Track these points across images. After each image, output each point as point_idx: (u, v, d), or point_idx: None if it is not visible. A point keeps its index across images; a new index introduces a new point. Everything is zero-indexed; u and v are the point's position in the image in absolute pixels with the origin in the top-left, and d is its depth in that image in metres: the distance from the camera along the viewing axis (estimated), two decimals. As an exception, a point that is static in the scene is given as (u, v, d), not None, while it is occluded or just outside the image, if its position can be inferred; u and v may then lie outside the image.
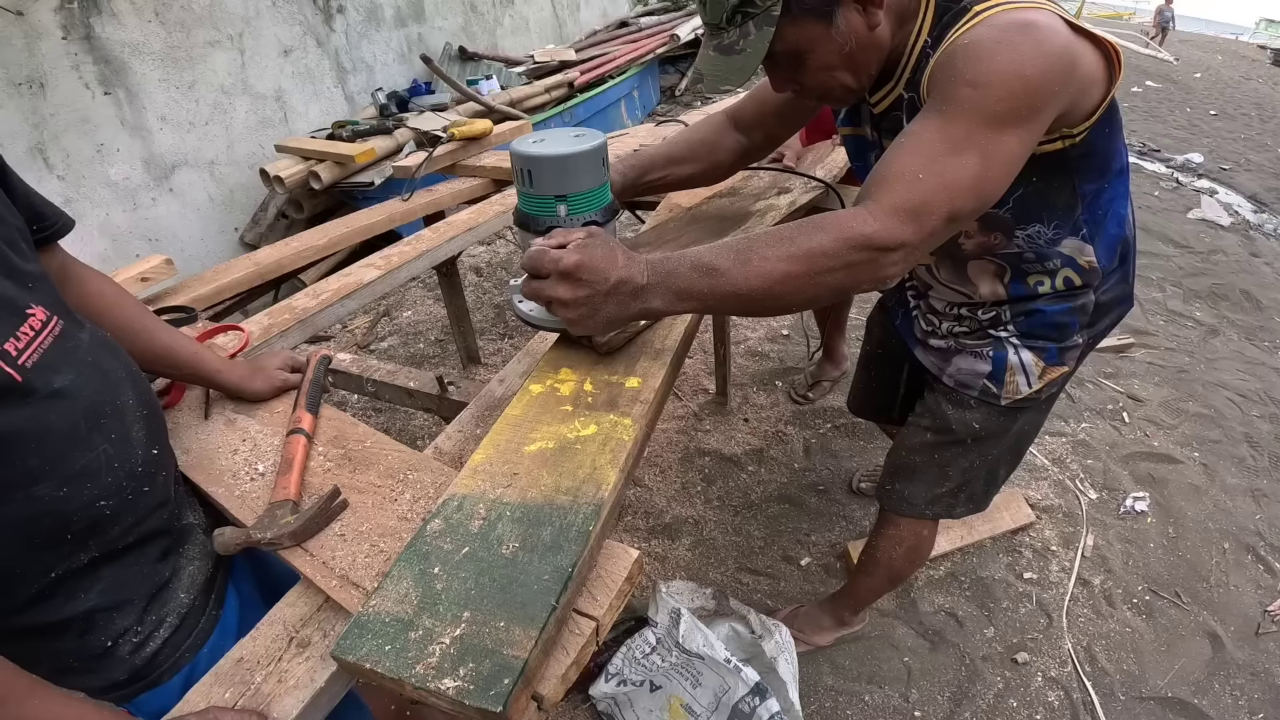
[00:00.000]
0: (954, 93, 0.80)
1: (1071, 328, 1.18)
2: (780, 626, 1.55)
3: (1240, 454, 2.47)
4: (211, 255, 3.73)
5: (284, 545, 0.79)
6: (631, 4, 8.09)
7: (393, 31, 4.65)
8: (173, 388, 1.10)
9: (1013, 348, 1.20)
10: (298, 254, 1.80)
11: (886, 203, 0.78)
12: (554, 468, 0.78)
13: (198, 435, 1.02)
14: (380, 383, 1.43)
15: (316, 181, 3.55)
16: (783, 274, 0.77)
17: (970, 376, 1.26)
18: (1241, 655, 1.79)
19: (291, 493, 0.85)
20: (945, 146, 0.79)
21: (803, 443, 2.51)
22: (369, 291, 1.62)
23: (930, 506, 1.41)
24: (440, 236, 1.86)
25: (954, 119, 0.79)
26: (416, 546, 0.69)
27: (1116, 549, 2.10)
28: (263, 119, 3.89)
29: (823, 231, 0.78)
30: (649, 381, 0.93)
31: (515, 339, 3.26)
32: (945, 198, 0.78)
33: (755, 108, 1.26)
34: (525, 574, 0.65)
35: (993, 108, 0.78)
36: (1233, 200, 5.38)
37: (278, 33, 3.91)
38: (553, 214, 0.91)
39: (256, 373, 1.08)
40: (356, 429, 0.99)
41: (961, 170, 0.79)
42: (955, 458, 1.34)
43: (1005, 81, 0.78)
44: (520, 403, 0.89)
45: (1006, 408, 1.25)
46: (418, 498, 0.85)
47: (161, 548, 0.84)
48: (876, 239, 0.77)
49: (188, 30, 3.47)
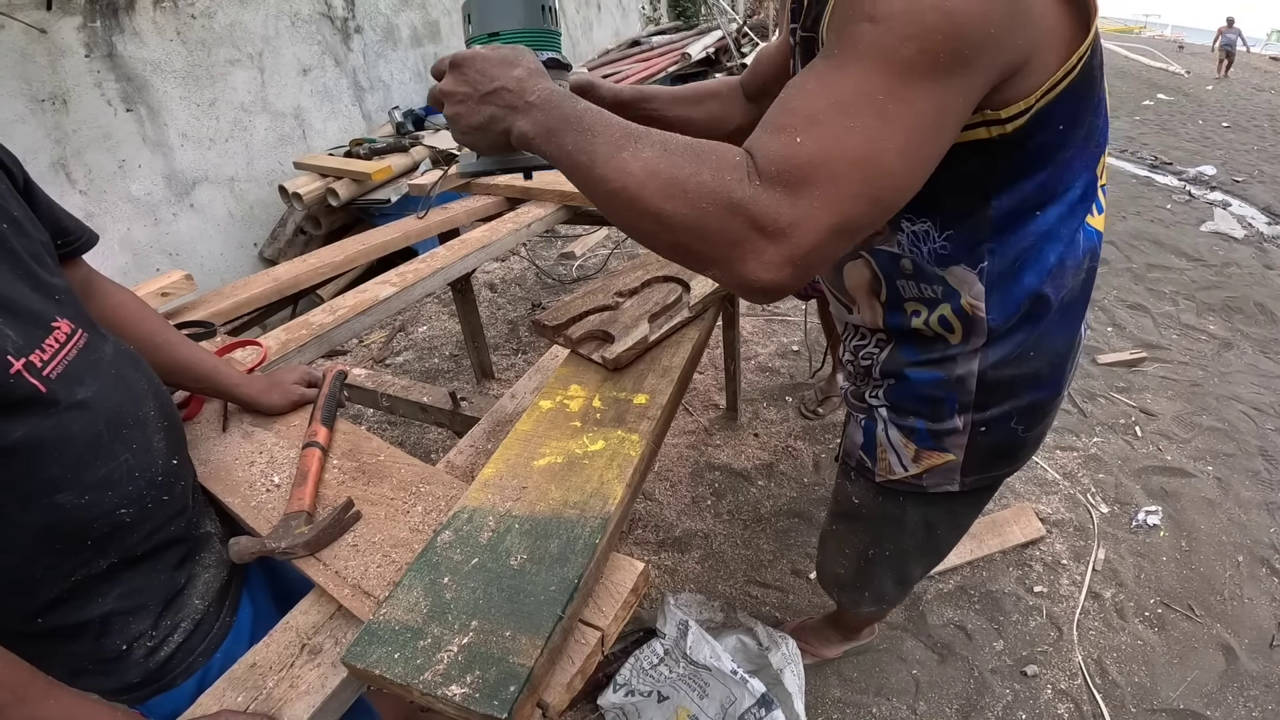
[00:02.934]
0: (850, 29, 0.59)
1: (946, 405, 0.93)
2: (787, 638, 1.55)
3: (1255, 467, 2.44)
4: (231, 270, 3.79)
5: (298, 555, 0.82)
6: (643, 23, 8.18)
7: (409, 51, 4.74)
8: (192, 400, 1.13)
9: (881, 420, 1.01)
10: (315, 270, 1.84)
11: (764, 157, 0.59)
12: (562, 482, 0.80)
13: (216, 447, 1.04)
14: (395, 398, 1.46)
15: (334, 198, 3.61)
16: (637, 183, 0.61)
17: (850, 444, 1.11)
18: (1255, 667, 1.77)
19: (306, 504, 0.87)
20: (832, 101, 0.58)
21: (812, 457, 2.52)
22: (384, 308, 1.65)
23: (836, 590, 1.35)
24: (454, 254, 1.90)
25: (845, 66, 0.58)
26: (427, 557, 0.72)
27: (1128, 562, 2.08)
28: (282, 136, 3.97)
29: (705, 167, 0.59)
30: (656, 398, 0.95)
31: (529, 354, 3.30)
32: (824, 170, 0.57)
33: (761, 73, 1.13)
34: (532, 585, 0.67)
35: (898, 50, 0.56)
36: (1246, 213, 5.34)
37: (297, 52, 3.99)
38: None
39: (274, 387, 1.11)
40: (370, 442, 1.02)
41: (854, 135, 0.57)
42: (848, 533, 1.22)
43: (917, 13, 0.55)
44: (530, 418, 0.92)
45: (885, 488, 1.06)
46: (429, 510, 0.87)
47: (179, 555, 0.86)
48: (749, 207, 0.58)
49: (208, 49, 3.55)
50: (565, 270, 4.13)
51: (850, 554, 1.22)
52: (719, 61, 7.56)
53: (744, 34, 8.28)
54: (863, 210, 0.59)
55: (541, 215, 2.19)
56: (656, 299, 1.20)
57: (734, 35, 7.84)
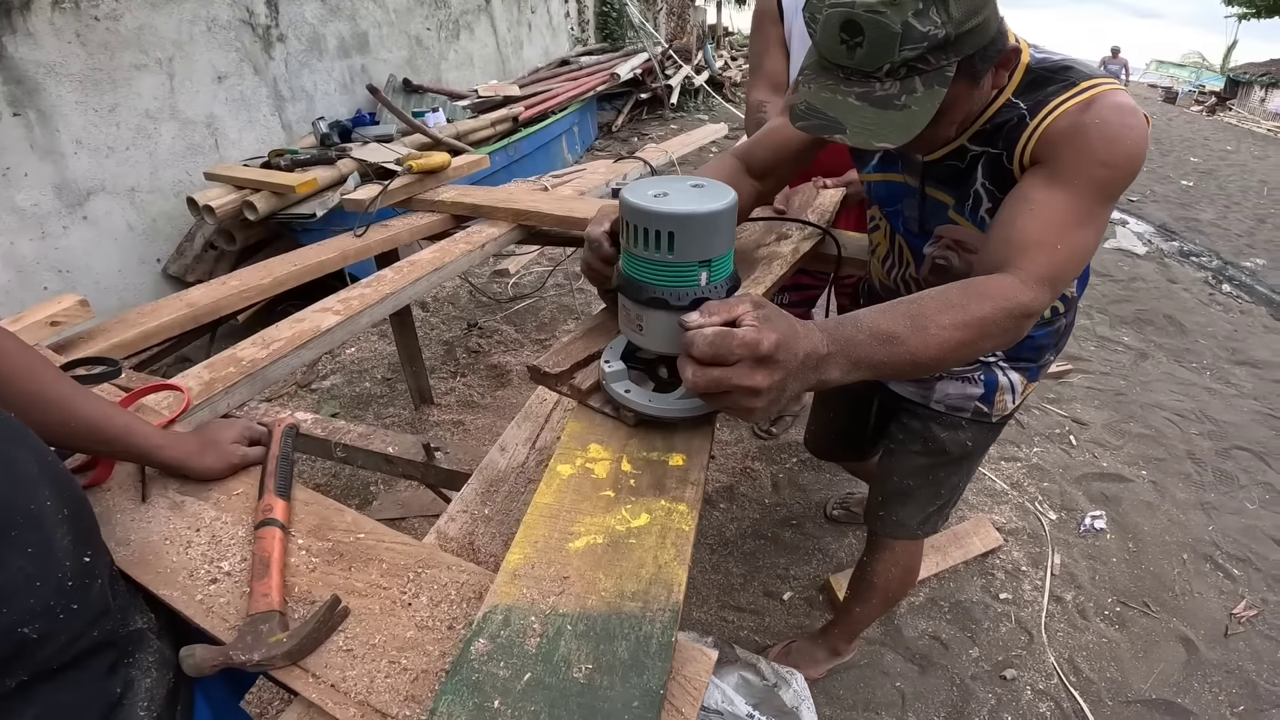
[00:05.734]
0: (1085, 169, 0.85)
1: (1048, 349, 1.25)
2: (794, 673, 1.48)
3: (1185, 470, 2.58)
4: (130, 288, 3.46)
5: (277, 666, 0.65)
6: (571, 43, 8.19)
7: (335, 62, 4.52)
8: (98, 462, 0.91)
9: (1001, 371, 1.25)
10: (238, 294, 1.59)
11: (1034, 271, 0.82)
12: (610, 568, 0.68)
13: (136, 522, 0.84)
14: (352, 447, 1.24)
15: (252, 212, 3.35)
16: (957, 341, 0.77)
17: (961, 400, 1.29)
18: (1214, 656, 1.85)
19: (275, 601, 0.70)
20: (1075, 219, 0.84)
21: (770, 478, 2.48)
22: (326, 340, 1.44)
23: (922, 525, 1.43)
24: (404, 278, 1.70)
25: (1083, 194, 0.85)
26: (463, 675, 0.58)
27: (1082, 565, 2.13)
28: (191, 145, 3.68)
29: (987, 300, 0.79)
30: (694, 458, 0.82)
31: (468, 377, 3.14)
32: (1074, 267, 0.86)
33: (772, 153, 1.18)
34: (608, 702, 0.55)
35: (1113, 188, 0.86)
36: (1144, 230, 5.78)
37: (212, 58, 3.73)
38: (695, 284, 0.79)
39: (207, 447, 0.90)
40: (343, 516, 0.85)
41: (1086, 242, 0.86)
42: (948, 476, 1.39)
43: (1130, 165, 0.85)
44: (550, 488, 0.78)
45: (995, 423, 1.32)
46: (437, 601, 0.72)
47: (107, 661, 0.69)
48: (1033, 307, 0.81)
49: (112, 53, 3.27)
50: (500, 288, 4.00)
51: (945, 490, 1.40)
52: (644, 82, 7.64)
53: (668, 56, 8.41)
54: (1077, 275, 0.92)
55: (496, 235, 2.04)
56: None
57: (659, 58, 7.95)
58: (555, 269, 4.08)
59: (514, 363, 3.21)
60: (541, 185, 2.55)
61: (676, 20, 10.64)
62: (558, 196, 2.30)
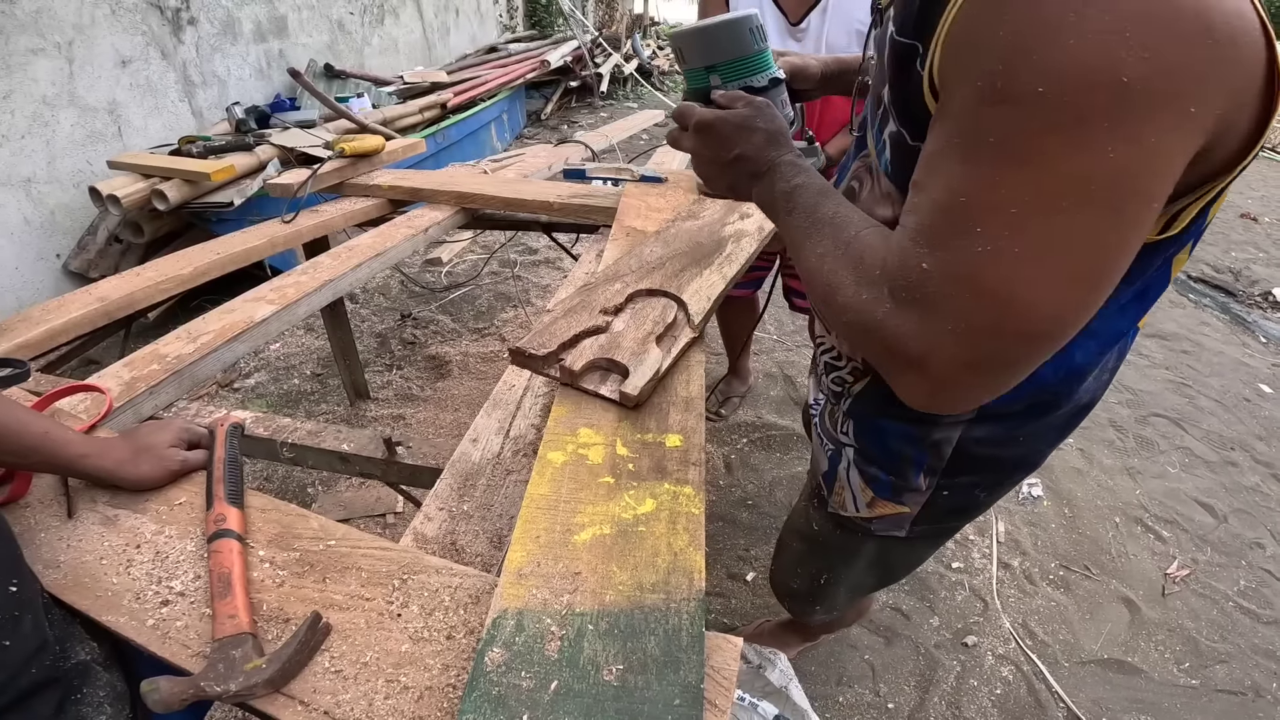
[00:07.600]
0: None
1: (914, 466, 0.86)
2: (778, 654, 1.48)
3: (1109, 438, 2.72)
4: (29, 287, 3.18)
5: (258, 695, 0.59)
6: (500, 31, 8.00)
7: (251, 46, 4.25)
8: (13, 475, 0.82)
9: (847, 460, 0.96)
10: (155, 286, 1.46)
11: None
12: (624, 559, 0.64)
13: (65, 542, 0.75)
14: (301, 446, 1.14)
15: (162, 201, 3.12)
16: (806, 277, 0.65)
17: (814, 466, 1.08)
18: (1155, 615, 1.96)
19: (243, 623, 0.64)
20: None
21: (723, 459, 2.48)
22: (260, 332, 1.34)
23: (788, 600, 1.34)
24: (343, 264, 1.61)
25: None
26: (482, 690, 0.53)
27: (1025, 532, 2.23)
28: (92, 133, 3.39)
29: (862, 281, 0.57)
30: (691, 439, 0.80)
31: (405, 369, 3.02)
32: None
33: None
34: (646, 703, 0.52)
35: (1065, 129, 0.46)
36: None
37: (115, 42, 3.44)
38: (706, 84, 0.90)
39: (140, 453, 0.81)
40: (307, 522, 0.77)
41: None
42: (804, 555, 1.22)
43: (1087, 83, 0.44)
44: (544, 478, 0.74)
45: (838, 519, 1.04)
46: (429, 609, 0.67)
47: (53, 701, 0.62)
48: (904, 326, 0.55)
49: (6, 37, 2.98)
50: (433, 277, 3.87)
51: (804, 573, 1.22)
52: (574, 71, 7.54)
53: (598, 44, 8.33)
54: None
55: (439, 219, 1.95)
56: (653, 317, 1.02)
57: (588, 46, 7.87)
58: (491, 257, 3.97)
59: (453, 353, 3.11)
60: (480, 169, 2.48)
61: (605, 8, 10.56)
62: (501, 179, 2.22)
